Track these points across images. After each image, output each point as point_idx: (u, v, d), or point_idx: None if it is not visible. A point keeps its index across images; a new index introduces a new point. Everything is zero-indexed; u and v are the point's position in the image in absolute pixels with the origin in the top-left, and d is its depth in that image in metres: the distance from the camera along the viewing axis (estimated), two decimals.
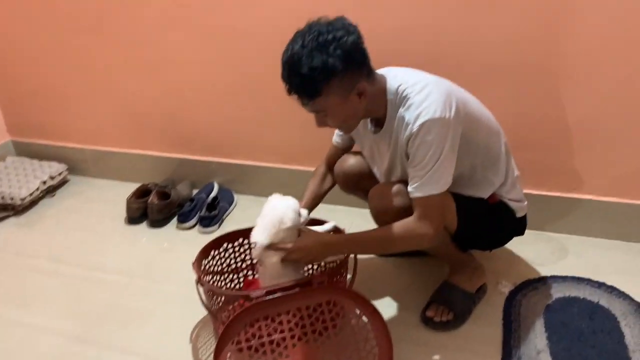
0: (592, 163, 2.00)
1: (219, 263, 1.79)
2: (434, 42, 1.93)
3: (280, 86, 2.22)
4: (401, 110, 1.48)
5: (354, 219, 2.05)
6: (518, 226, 1.75)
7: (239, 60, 2.28)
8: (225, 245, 1.80)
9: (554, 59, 1.88)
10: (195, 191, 2.55)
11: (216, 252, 1.77)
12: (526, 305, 1.77)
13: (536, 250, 2.03)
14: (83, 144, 2.75)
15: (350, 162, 1.84)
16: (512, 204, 1.67)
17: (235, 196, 2.50)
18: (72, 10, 2.43)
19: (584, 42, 1.83)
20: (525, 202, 1.73)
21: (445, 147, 1.42)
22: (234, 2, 2.17)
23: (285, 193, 2.42)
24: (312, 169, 2.33)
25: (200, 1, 2.21)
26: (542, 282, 1.87)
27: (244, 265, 1.86)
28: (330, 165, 1.90)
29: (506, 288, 1.85)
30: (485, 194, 1.64)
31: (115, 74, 2.51)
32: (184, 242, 2.24)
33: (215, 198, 2.42)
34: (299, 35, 1.41)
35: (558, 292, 1.82)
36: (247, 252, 1.85)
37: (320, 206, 1.89)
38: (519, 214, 1.70)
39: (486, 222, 1.65)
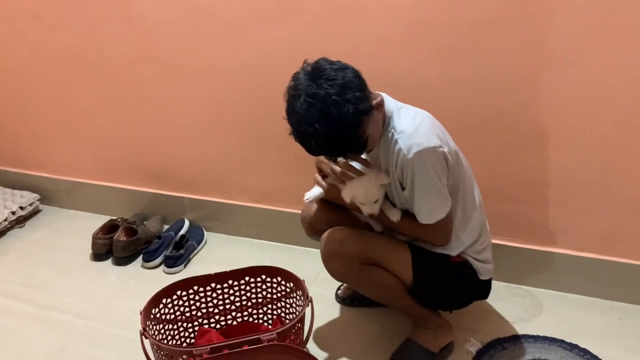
0: (568, 217, 1.91)
1: (171, 311, 1.71)
2: (414, 88, 1.87)
3: (254, 124, 2.20)
4: (394, 133, 1.44)
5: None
6: (481, 289, 1.66)
7: (213, 97, 2.23)
8: (179, 292, 1.72)
9: (533, 111, 1.82)
10: (166, 227, 2.49)
11: (168, 300, 1.69)
12: None
13: (511, 306, 1.93)
14: (56, 174, 2.70)
15: (318, 208, 1.76)
16: (477, 265, 1.59)
17: (206, 234, 2.42)
18: (48, 43, 2.41)
19: (562, 97, 1.77)
20: (491, 265, 1.64)
21: (440, 174, 1.42)
22: (207, 39, 2.13)
23: (258, 233, 2.39)
24: (285, 209, 2.30)
25: (174, 37, 2.18)
26: (512, 341, 1.77)
27: (198, 314, 1.77)
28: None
29: (474, 347, 1.75)
30: (452, 252, 1.56)
31: (89, 106, 2.48)
32: (147, 282, 2.15)
33: (183, 236, 2.35)
34: (309, 104, 1.30)
35: (527, 353, 1.72)
36: (202, 300, 1.77)
37: (293, 248, 2.05)
38: (483, 277, 1.61)
39: (445, 280, 1.57)
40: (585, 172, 1.84)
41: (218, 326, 1.81)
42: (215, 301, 1.79)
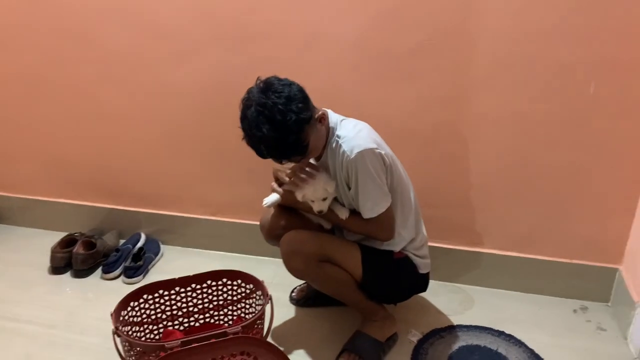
0: (491, 220, 2.19)
1: (138, 314, 1.83)
2: (357, 106, 2.08)
3: (209, 141, 2.35)
4: (338, 139, 1.67)
5: (279, 269, 2.11)
6: (420, 281, 1.89)
7: (168, 115, 2.37)
8: (145, 296, 1.84)
9: (458, 127, 2.09)
10: (122, 241, 2.58)
11: (135, 304, 1.81)
12: (432, 353, 1.89)
13: (446, 301, 2.18)
14: (9, 192, 2.74)
15: (275, 215, 1.94)
16: (416, 260, 1.82)
17: (162, 247, 2.54)
18: (6, 64, 2.48)
19: (481, 114, 2.04)
20: (429, 260, 1.88)
21: (380, 172, 1.64)
22: (165, 62, 2.28)
23: (213, 244, 2.53)
24: (239, 220, 2.45)
25: (133, 59, 2.31)
26: (448, 331, 2.01)
27: (163, 317, 1.90)
28: None
29: (415, 337, 1.97)
30: (395, 247, 1.78)
31: (44, 124, 2.55)
32: (107, 292, 2.24)
33: (141, 249, 2.45)
34: (258, 112, 1.52)
35: (462, 340, 1.95)
36: (167, 303, 1.89)
37: (246, 257, 2.08)
38: (422, 270, 1.85)
39: (390, 274, 1.79)
40: (502, 180, 2.12)
41: (182, 328, 1.94)
42: (179, 304, 1.92)
